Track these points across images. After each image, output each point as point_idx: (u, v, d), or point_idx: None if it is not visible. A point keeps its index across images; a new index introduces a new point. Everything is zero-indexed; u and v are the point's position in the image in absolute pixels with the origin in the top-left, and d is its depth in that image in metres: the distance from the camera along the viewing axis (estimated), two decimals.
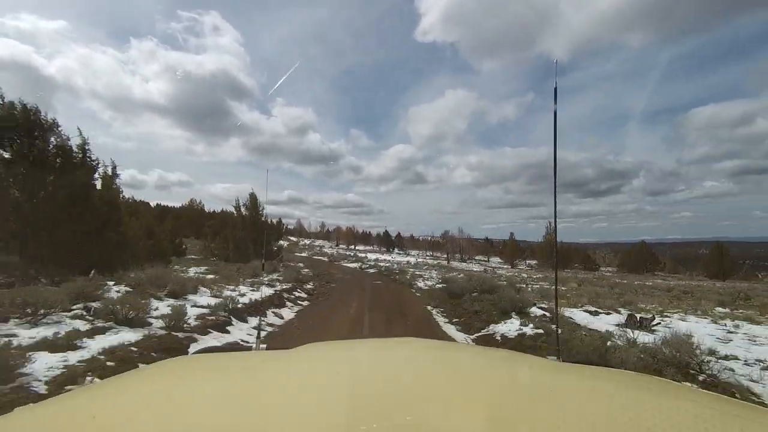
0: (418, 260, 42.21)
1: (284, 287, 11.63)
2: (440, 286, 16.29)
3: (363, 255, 43.64)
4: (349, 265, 29.56)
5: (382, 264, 29.76)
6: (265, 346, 1.73)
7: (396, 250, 74.02)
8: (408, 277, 19.98)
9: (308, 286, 13.35)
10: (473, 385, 0.86)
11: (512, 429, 0.62)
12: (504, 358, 1.27)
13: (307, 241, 76.36)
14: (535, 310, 8.21)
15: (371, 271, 25.26)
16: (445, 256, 58.64)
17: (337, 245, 72.82)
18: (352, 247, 71.16)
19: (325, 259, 35.62)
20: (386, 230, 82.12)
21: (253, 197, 19.03)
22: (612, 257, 73.70)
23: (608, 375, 1.02)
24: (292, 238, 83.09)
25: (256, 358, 1.16)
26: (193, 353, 1.42)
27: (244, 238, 17.76)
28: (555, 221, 1.77)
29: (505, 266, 48.97)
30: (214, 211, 49.89)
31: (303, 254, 41.74)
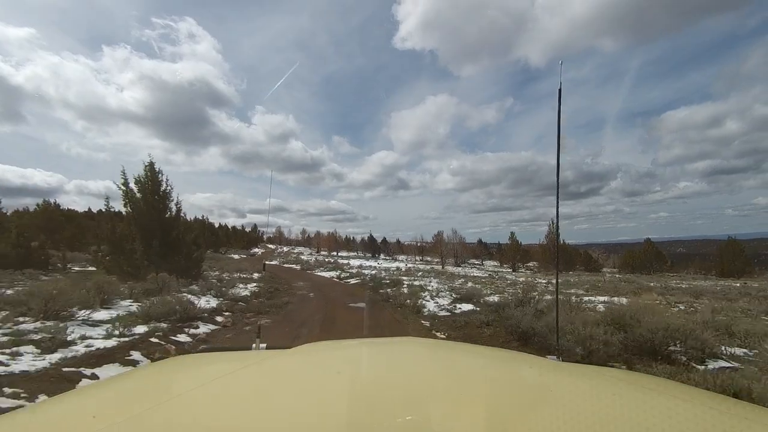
0: (409, 266, 35.17)
1: (100, 347, 4.13)
2: (467, 308, 9.04)
3: (345, 261, 36.00)
4: (324, 274, 22.01)
5: (366, 271, 22.32)
6: (264, 345, 1.40)
7: (382, 256, 66.51)
8: (404, 290, 12.63)
9: (190, 334, 5.74)
10: (473, 385, 0.85)
11: (512, 429, 0.60)
12: (504, 358, 1.23)
13: (285, 249, 68.08)
14: None
15: (352, 282, 17.79)
16: (437, 260, 51.69)
17: (318, 251, 64.76)
18: (335, 253, 63.18)
19: (298, 267, 28.00)
20: (371, 235, 74.50)
21: (149, 170, 11.05)
22: (605, 257, 68.32)
23: (608, 375, 0.97)
24: (270, 246, 74.88)
25: (256, 358, 1.11)
26: (193, 353, 1.32)
27: (128, 237, 10.03)
28: (557, 220, 1.59)
29: (504, 270, 42.29)
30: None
31: (274, 262, 33.98)
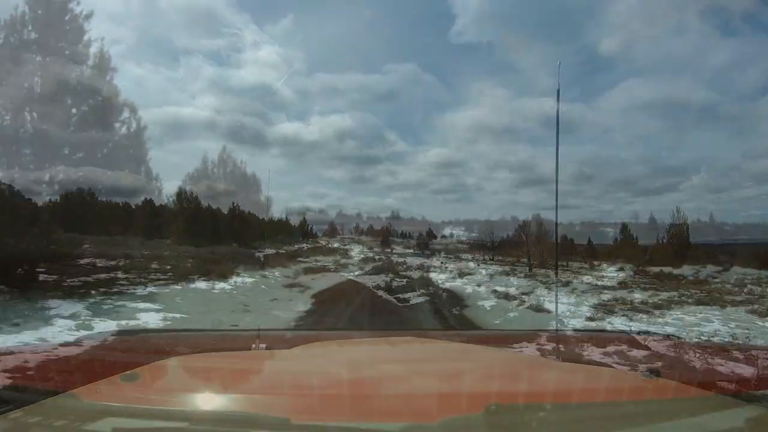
0: (481, 267, 25.25)
1: None
2: None
3: (400, 260, 26.88)
4: (365, 280, 13.10)
5: (434, 276, 12.99)
6: (264, 346, 1.32)
7: (442, 254, 56.48)
8: None
9: None
10: (473, 384, 0.83)
11: (512, 428, 0.60)
12: (504, 357, 1.22)
13: (335, 244, 61.05)
14: None
15: (413, 300, 8.59)
16: (509, 260, 40.63)
17: (370, 248, 56.55)
18: (388, 250, 54.46)
19: (332, 266, 20.06)
20: (430, 230, 64.73)
21: None
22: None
23: (608, 375, 0.96)
24: (321, 242, 68.80)
25: (256, 358, 1.11)
26: (192, 354, 1.28)
27: None
28: (556, 218, 1.05)
29: (607, 274, 30.43)
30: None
31: (307, 259, 26.08)
